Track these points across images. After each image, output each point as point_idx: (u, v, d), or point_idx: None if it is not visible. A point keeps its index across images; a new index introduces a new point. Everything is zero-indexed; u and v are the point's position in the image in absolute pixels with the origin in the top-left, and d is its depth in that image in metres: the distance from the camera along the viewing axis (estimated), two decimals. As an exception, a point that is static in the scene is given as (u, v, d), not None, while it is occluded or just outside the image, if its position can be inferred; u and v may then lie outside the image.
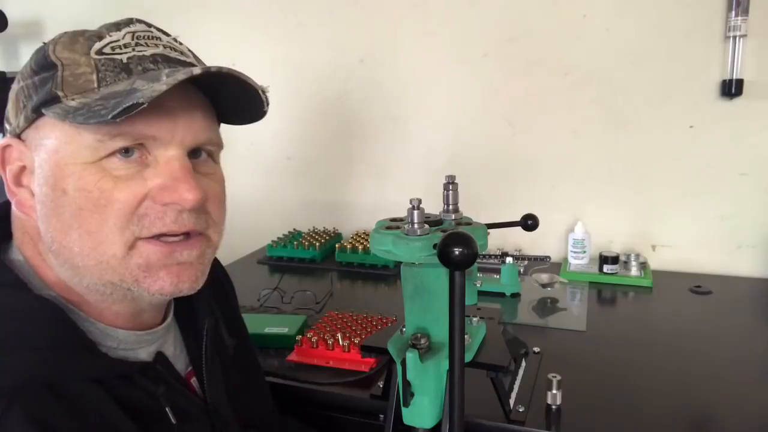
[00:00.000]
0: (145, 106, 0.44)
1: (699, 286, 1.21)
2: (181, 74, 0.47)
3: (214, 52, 1.69)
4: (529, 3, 1.36)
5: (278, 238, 1.54)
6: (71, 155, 0.49)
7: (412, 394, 0.63)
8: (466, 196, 0.72)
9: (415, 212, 0.59)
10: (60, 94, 0.49)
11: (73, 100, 0.48)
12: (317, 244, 1.46)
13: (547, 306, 1.15)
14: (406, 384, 0.62)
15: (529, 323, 1.08)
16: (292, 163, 1.69)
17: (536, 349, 0.92)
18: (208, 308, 0.64)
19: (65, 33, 0.53)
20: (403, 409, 0.64)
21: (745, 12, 1.19)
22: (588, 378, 0.86)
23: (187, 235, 0.52)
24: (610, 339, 1.01)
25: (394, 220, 0.66)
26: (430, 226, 0.61)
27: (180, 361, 0.62)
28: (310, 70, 1.60)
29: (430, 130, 1.51)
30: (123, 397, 0.50)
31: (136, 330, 0.56)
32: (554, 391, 0.77)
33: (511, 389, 0.80)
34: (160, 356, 0.58)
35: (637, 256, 1.29)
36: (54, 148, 0.49)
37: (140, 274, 0.50)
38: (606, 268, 1.27)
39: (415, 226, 0.59)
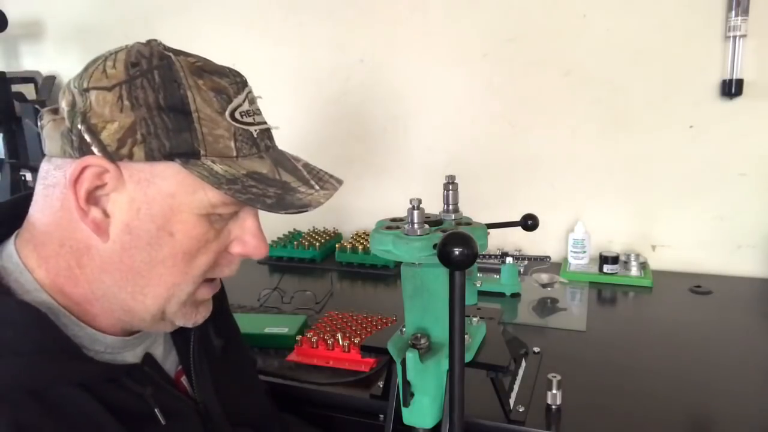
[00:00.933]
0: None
1: (699, 286, 1.21)
2: (332, 188, 0.58)
3: (215, 53, 1.69)
4: (529, 3, 1.36)
5: (278, 238, 1.54)
6: (188, 204, 0.51)
7: (412, 394, 0.63)
8: (466, 196, 0.72)
9: (415, 212, 0.59)
10: (201, 151, 0.50)
11: (214, 162, 0.51)
12: (317, 244, 1.46)
13: (547, 306, 1.15)
14: (406, 384, 0.62)
15: (529, 323, 1.08)
16: (292, 163, 1.68)
17: (536, 349, 0.92)
18: None
19: (182, 64, 0.51)
20: (403, 409, 0.64)
21: (745, 12, 1.19)
22: (588, 378, 0.86)
23: None
24: (610, 339, 1.01)
25: (394, 220, 0.66)
26: (430, 226, 0.61)
27: (169, 361, 0.63)
28: (310, 70, 1.60)
29: (430, 130, 1.51)
30: (111, 401, 0.50)
31: (124, 335, 0.57)
32: (554, 391, 0.77)
33: (511, 389, 0.80)
34: (148, 357, 0.59)
35: (637, 256, 1.29)
36: (170, 192, 0.50)
37: (191, 309, 0.57)
38: (606, 268, 1.27)
39: (415, 226, 0.59)
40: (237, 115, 0.53)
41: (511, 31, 1.38)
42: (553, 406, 0.77)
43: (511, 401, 0.77)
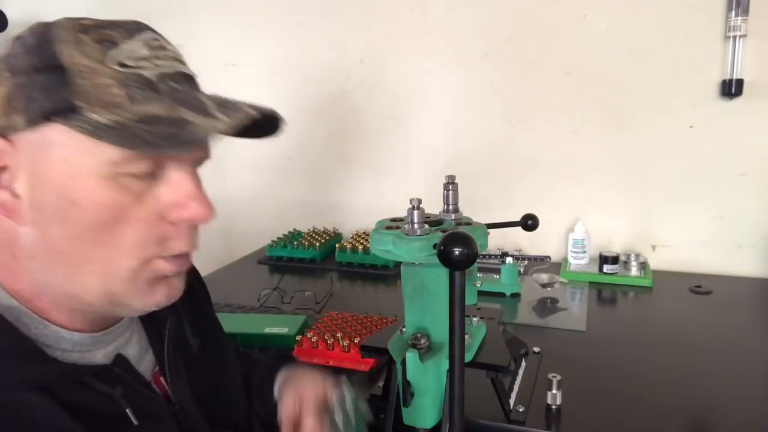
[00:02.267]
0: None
1: (699, 286, 1.21)
2: (242, 116, 0.48)
3: (215, 52, 1.69)
4: (529, 3, 1.36)
5: (278, 238, 1.55)
6: (86, 168, 0.47)
7: (412, 394, 0.63)
8: (466, 196, 0.72)
9: (415, 212, 0.59)
10: (79, 104, 0.46)
11: (97, 113, 0.45)
12: (317, 244, 1.46)
13: (547, 306, 1.15)
14: (406, 384, 0.62)
15: (529, 323, 1.08)
16: (292, 163, 1.69)
17: (536, 349, 0.92)
18: (171, 307, 0.62)
19: (63, 25, 0.49)
20: (403, 409, 0.64)
21: (745, 12, 1.19)
22: (588, 378, 0.86)
23: None
24: (610, 339, 1.01)
25: (394, 220, 0.66)
26: (430, 226, 0.61)
27: (145, 362, 0.61)
28: (310, 70, 1.60)
29: (430, 130, 1.51)
30: (75, 402, 0.48)
31: (93, 331, 0.55)
32: (554, 391, 0.77)
33: (511, 389, 0.80)
34: (119, 358, 0.56)
35: (637, 256, 1.29)
36: (64, 157, 0.47)
37: (144, 287, 0.51)
38: (606, 268, 1.27)
39: (415, 226, 0.59)
40: (127, 61, 0.48)
41: (511, 31, 1.38)
42: (553, 406, 0.77)
43: (511, 401, 0.77)
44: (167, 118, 0.47)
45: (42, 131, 0.47)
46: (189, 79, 0.52)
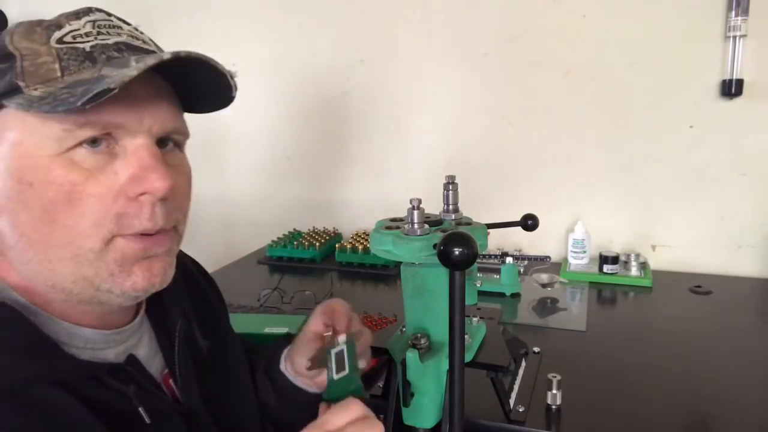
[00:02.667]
0: (115, 91, 0.44)
1: (699, 286, 1.21)
2: (151, 59, 0.46)
3: (214, 52, 1.69)
4: (529, 3, 1.36)
5: (278, 238, 1.55)
6: (36, 147, 0.47)
7: (412, 394, 0.63)
8: (466, 196, 0.72)
9: (415, 212, 0.59)
10: (21, 84, 0.47)
11: (35, 89, 0.47)
12: (317, 244, 1.46)
13: (547, 306, 1.15)
14: (406, 384, 0.62)
15: (529, 323, 1.08)
16: (292, 163, 1.69)
17: (536, 349, 0.92)
18: (180, 309, 0.63)
19: (21, 23, 0.51)
20: (403, 409, 0.64)
21: (745, 12, 1.19)
22: (588, 378, 0.86)
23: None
24: (610, 339, 1.01)
25: (394, 220, 0.66)
26: (430, 226, 0.61)
27: (155, 364, 0.61)
28: (310, 70, 1.60)
29: (430, 130, 1.51)
30: (91, 398, 0.49)
31: (103, 329, 0.54)
32: (554, 391, 0.77)
33: (511, 389, 0.80)
34: (131, 358, 0.56)
35: (637, 256, 1.29)
36: (17, 140, 0.48)
37: (116, 269, 0.50)
38: (606, 268, 1.27)
39: (415, 226, 0.59)
40: (67, 38, 0.49)
41: (512, 31, 1.38)
42: (553, 406, 0.77)
43: (511, 401, 0.77)
44: (90, 79, 0.47)
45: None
46: (134, 49, 0.51)
